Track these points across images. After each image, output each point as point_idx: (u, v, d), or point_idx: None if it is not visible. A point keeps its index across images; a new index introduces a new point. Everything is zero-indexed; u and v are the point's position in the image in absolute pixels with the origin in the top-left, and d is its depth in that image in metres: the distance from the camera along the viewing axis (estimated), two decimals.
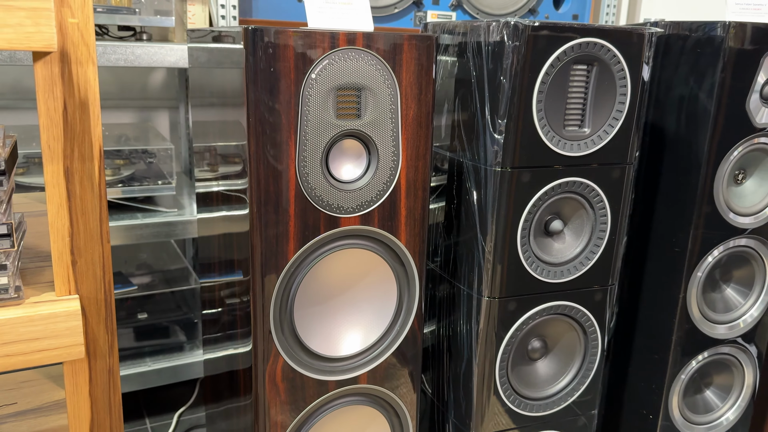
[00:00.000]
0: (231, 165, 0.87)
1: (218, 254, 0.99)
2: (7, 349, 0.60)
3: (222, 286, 0.98)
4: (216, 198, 0.97)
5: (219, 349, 1.05)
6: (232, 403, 0.98)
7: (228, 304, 0.96)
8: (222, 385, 1.04)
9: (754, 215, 1.15)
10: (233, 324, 0.93)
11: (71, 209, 0.62)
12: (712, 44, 1.05)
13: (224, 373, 1.02)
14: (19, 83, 1.97)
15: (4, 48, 0.54)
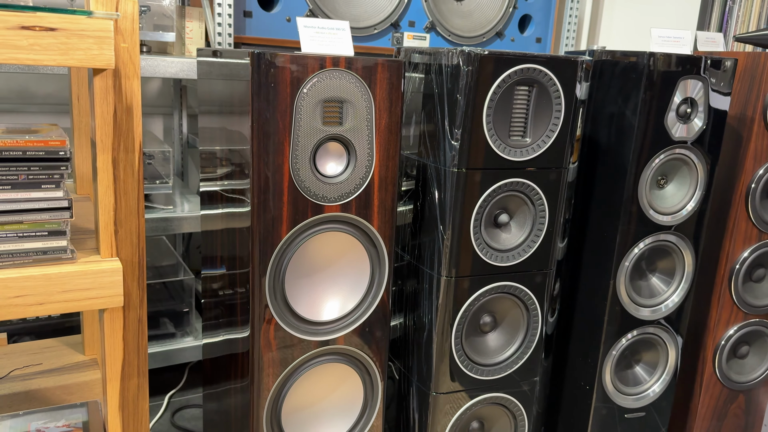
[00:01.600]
0: (235, 163, 1.06)
1: (222, 240, 1.17)
2: (65, 295, 0.78)
3: (226, 266, 1.16)
4: (220, 193, 1.16)
5: (220, 325, 1.23)
6: (233, 364, 1.16)
7: (230, 280, 1.14)
8: (224, 349, 1.22)
9: (673, 214, 1.37)
10: (234, 296, 1.11)
11: (116, 190, 0.81)
12: (636, 70, 1.27)
13: (225, 340, 1.20)
14: (25, 89, 2.14)
15: (77, 65, 0.72)
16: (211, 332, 1.30)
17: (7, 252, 0.76)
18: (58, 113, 2.18)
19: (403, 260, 1.31)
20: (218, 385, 1.26)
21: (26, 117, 2.19)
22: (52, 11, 0.70)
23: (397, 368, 1.37)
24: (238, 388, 1.13)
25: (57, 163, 0.76)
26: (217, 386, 1.27)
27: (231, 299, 1.14)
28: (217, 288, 1.23)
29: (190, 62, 1.57)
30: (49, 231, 0.78)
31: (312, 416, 1.13)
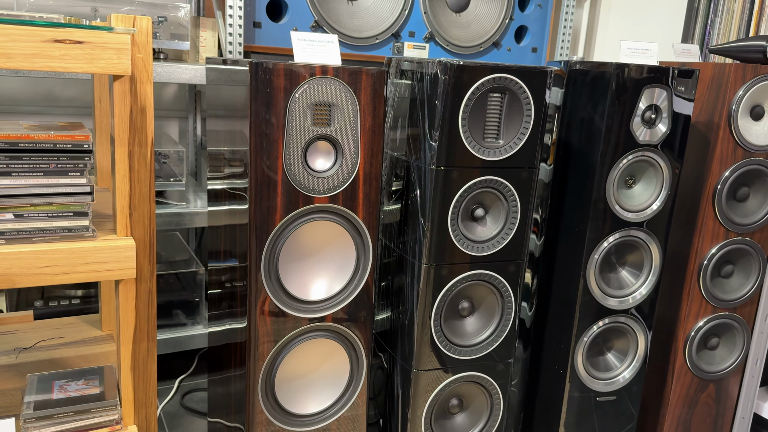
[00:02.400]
0: (237, 161, 1.20)
1: (226, 232, 1.31)
2: (87, 267, 0.92)
3: (228, 256, 1.30)
4: (224, 190, 1.30)
5: (223, 312, 1.37)
6: (234, 345, 1.29)
7: (231, 268, 1.28)
8: (227, 335, 1.36)
9: (640, 212, 1.49)
10: (235, 282, 1.25)
11: (131, 178, 0.95)
12: (604, 79, 1.39)
13: (228, 326, 1.34)
14: (51, 93, 2.30)
15: (99, 72, 0.86)
16: (215, 321, 1.44)
17: (38, 229, 0.90)
18: (80, 115, 2.34)
19: (393, 254, 1.44)
20: (221, 367, 1.40)
21: (51, 119, 2.35)
22: (80, 27, 0.85)
23: (384, 350, 1.49)
24: (237, 363, 1.26)
25: (81, 154, 0.90)
26: (220, 369, 1.41)
27: (232, 286, 1.28)
28: (220, 278, 1.37)
29: (202, 69, 1.72)
30: (74, 212, 0.92)
31: (303, 386, 1.26)
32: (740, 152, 1.59)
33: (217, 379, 1.45)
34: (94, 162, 0.92)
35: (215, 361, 1.47)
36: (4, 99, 2.23)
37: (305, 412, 1.26)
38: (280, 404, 1.23)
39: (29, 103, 2.32)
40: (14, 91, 2.27)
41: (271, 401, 1.22)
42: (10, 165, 0.87)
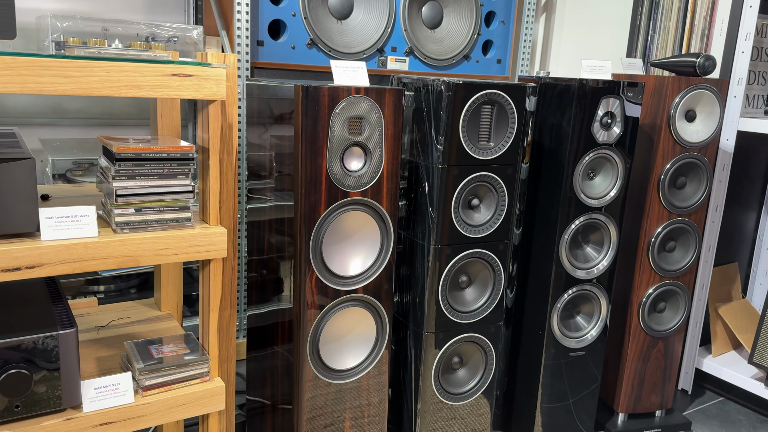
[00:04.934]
0: (284, 163, 1.47)
1: (270, 224, 1.58)
2: (191, 249, 1.18)
3: (272, 242, 1.57)
4: (269, 188, 1.56)
5: (267, 290, 1.63)
6: (279, 316, 1.56)
7: (279, 249, 1.54)
8: (272, 315, 1.63)
9: (600, 198, 1.82)
10: (283, 260, 1.52)
11: (221, 179, 1.21)
12: (569, 91, 1.72)
13: (272, 293, 1.60)
14: (59, 105, 2.51)
15: (203, 98, 1.13)
16: (257, 305, 1.69)
17: (155, 220, 1.16)
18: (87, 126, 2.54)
19: (404, 240, 1.73)
20: (264, 345, 1.66)
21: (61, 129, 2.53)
22: (190, 64, 1.11)
23: (397, 318, 1.79)
24: (285, 334, 1.53)
25: (187, 161, 1.16)
26: (263, 346, 1.67)
27: (279, 270, 1.54)
28: (264, 265, 1.63)
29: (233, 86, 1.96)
30: (179, 206, 1.18)
31: (340, 346, 1.54)
32: (678, 148, 1.95)
33: (259, 356, 1.71)
34: (196, 167, 1.18)
35: (257, 340, 1.73)
36: (19, 112, 2.42)
37: (342, 367, 1.55)
38: (323, 361, 1.51)
39: (40, 116, 2.51)
40: (27, 105, 2.46)
41: (316, 359, 1.50)
42: (134, 171, 1.12)
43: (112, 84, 1.03)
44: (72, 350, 1.10)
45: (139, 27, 2.26)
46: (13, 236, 1.06)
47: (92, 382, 1.15)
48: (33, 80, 0.96)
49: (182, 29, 2.31)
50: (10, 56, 0.95)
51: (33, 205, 1.04)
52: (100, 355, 1.37)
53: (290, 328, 1.51)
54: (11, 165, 1.01)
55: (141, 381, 1.21)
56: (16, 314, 1.14)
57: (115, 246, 1.09)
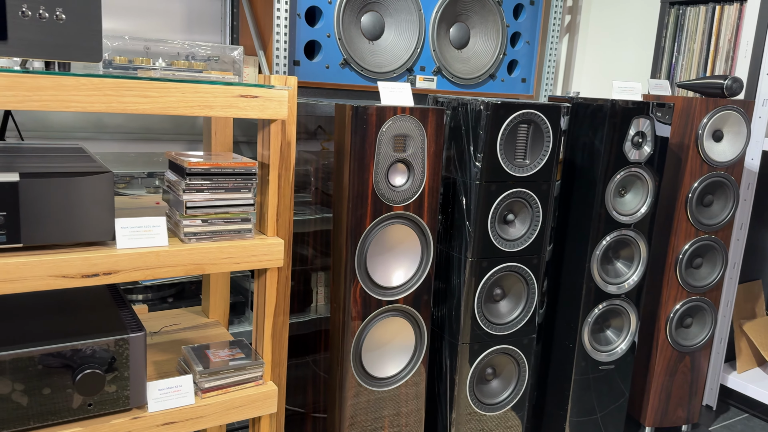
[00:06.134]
0: (331, 178, 1.54)
1: (315, 237, 1.65)
2: (251, 258, 1.25)
3: (316, 253, 1.64)
4: (313, 203, 1.63)
5: (309, 299, 1.70)
6: (320, 324, 1.62)
7: (319, 260, 1.61)
8: (312, 323, 1.69)
9: (631, 215, 1.88)
10: (324, 270, 1.58)
11: (279, 193, 1.28)
12: (602, 112, 1.79)
13: (315, 302, 1.67)
14: (100, 120, 2.60)
15: (267, 118, 1.21)
16: (297, 314, 1.76)
17: (219, 231, 1.23)
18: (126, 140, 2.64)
19: (439, 252, 1.79)
20: (304, 353, 1.72)
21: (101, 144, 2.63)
22: (255, 86, 1.19)
23: (432, 329, 1.84)
24: (327, 342, 1.59)
25: (250, 176, 1.24)
26: (303, 354, 1.73)
27: (319, 278, 1.61)
28: (306, 275, 1.70)
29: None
30: (242, 218, 1.25)
31: (381, 355, 1.60)
32: (705, 167, 2.00)
33: (296, 364, 1.77)
34: (258, 182, 1.25)
35: (295, 348, 1.79)
36: (63, 126, 2.52)
37: (383, 375, 1.60)
38: (365, 369, 1.57)
39: (82, 130, 2.61)
40: (70, 120, 2.56)
41: (358, 366, 1.56)
42: (203, 184, 1.19)
43: (186, 104, 1.11)
44: (140, 353, 1.17)
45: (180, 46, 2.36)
46: (90, 244, 1.13)
47: (156, 384, 1.21)
48: (117, 100, 1.04)
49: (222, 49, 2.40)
50: (97, 77, 1.03)
51: (110, 215, 1.11)
52: (156, 359, 1.44)
53: (332, 336, 1.57)
54: (92, 178, 1.09)
55: (201, 383, 1.27)
56: (87, 318, 1.21)
57: (184, 255, 1.16)
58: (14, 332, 1.13)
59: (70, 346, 1.10)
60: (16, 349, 1.07)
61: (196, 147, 2.77)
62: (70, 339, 1.11)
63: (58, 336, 1.12)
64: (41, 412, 1.10)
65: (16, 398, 1.08)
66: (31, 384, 1.09)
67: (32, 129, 2.39)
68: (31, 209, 1.04)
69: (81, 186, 1.07)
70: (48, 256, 1.05)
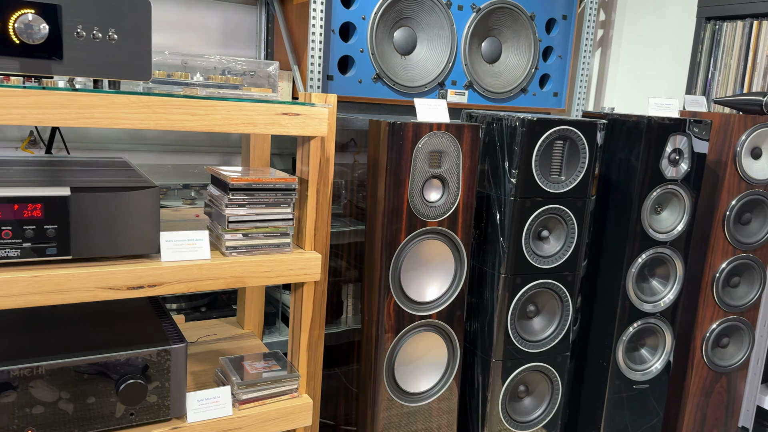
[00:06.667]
0: (365, 192, 1.55)
1: (348, 250, 1.66)
2: (290, 272, 1.27)
3: (350, 266, 1.65)
4: (347, 217, 1.65)
5: (341, 312, 1.71)
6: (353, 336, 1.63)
7: (351, 273, 1.62)
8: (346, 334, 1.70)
9: (667, 233, 1.86)
10: (356, 283, 1.60)
11: (317, 208, 1.30)
12: (638, 128, 1.78)
13: (347, 315, 1.68)
14: (138, 133, 2.66)
15: (307, 134, 1.23)
16: (329, 326, 1.78)
17: (258, 245, 1.25)
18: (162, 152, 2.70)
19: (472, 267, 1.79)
20: (332, 364, 1.73)
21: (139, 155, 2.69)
22: (297, 104, 1.21)
23: (464, 344, 1.84)
24: (360, 355, 1.60)
25: (290, 192, 1.26)
26: (331, 365, 1.74)
27: (350, 291, 1.62)
28: (338, 288, 1.71)
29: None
30: (281, 233, 1.27)
31: (413, 369, 1.60)
32: (743, 185, 1.97)
33: (328, 375, 1.78)
34: (297, 197, 1.27)
35: (327, 359, 1.80)
36: (102, 138, 2.59)
37: (415, 390, 1.60)
38: (397, 383, 1.57)
39: (120, 142, 2.67)
40: (110, 132, 2.62)
41: (391, 381, 1.56)
42: (245, 200, 1.22)
43: (231, 121, 1.13)
44: (181, 364, 1.19)
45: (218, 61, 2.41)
46: (135, 257, 1.16)
47: (195, 395, 1.23)
48: (165, 117, 1.07)
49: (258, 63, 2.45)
50: (147, 96, 1.06)
51: (155, 229, 1.14)
52: (193, 370, 1.46)
53: (364, 349, 1.58)
54: (139, 193, 1.12)
55: (238, 395, 1.29)
56: (130, 329, 1.24)
57: (225, 268, 1.19)
58: (60, 342, 1.16)
59: (115, 356, 1.13)
60: (63, 359, 1.10)
61: (230, 159, 2.81)
62: (115, 349, 1.14)
63: (103, 346, 1.15)
64: (85, 420, 1.13)
65: (62, 406, 1.11)
66: (77, 392, 1.11)
67: (73, 140, 2.46)
68: (80, 222, 1.08)
69: (128, 200, 1.10)
70: (95, 268, 1.08)
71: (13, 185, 1.07)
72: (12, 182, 1.10)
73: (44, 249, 1.06)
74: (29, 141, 2.46)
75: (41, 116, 0.99)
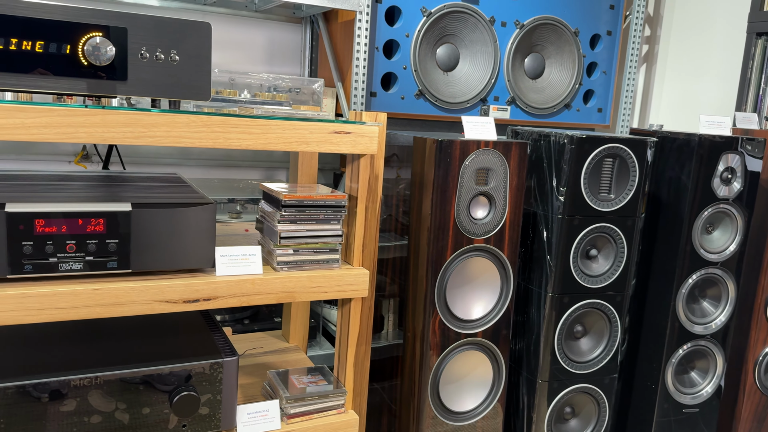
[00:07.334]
0: (410, 208, 1.56)
1: (392, 266, 1.67)
2: (338, 287, 1.28)
3: (393, 282, 1.66)
4: (390, 232, 1.66)
5: (382, 326, 1.71)
6: (395, 352, 1.63)
7: (394, 289, 1.63)
8: (390, 349, 1.70)
9: (719, 254, 1.81)
10: (407, 301, 1.60)
11: (365, 225, 1.31)
12: (689, 146, 1.74)
13: (389, 331, 1.68)
14: (185, 148, 2.72)
15: (358, 152, 1.24)
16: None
17: (309, 260, 1.27)
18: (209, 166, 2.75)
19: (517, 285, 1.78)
20: (375, 378, 1.74)
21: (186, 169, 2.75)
22: (348, 122, 1.23)
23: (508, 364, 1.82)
24: (403, 372, 1.60)
25: (340, 208, 1.27)
26: (373, 379, 1.75)
27: (399, 309, 1.63)
28: (379, 303, 1.72)
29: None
30: (330, 249, 1.28)
31: (458, 388, 1.59)
32: None
33: (378, 387, 1.78)
34: (346, 214, 1.29)
35: (376, 372, 1.80)
36: (151, 153, 2.66)
37: (460, 409, 1.59)
38: (442, 402, 1.56)
39: (168, 156, 2.74)
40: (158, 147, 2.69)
41: (436, 399, 1.55)
42: (296, 216, 1.24)
43: (285, 140, 1.16)
44: (233, 376, 1.21)
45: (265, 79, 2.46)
46: (190, 271, 1.19)
47: (245, 408, 1.25)
48: (223, 136, 1.10)
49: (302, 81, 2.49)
50: (206, 115, 1.09)
51: (211, 244, 1.17)
52: (240, 382, 1.48)
53: (407, 366, 1.58)
54: (197, 209, 1.15)
55: (286, 409, 1.30)
56: (183, 341, 1.27)
57: (277, 283, 1.21)
58: (116, 353, 1.19)
59: (169, 368, 1.16)
60: (121, 370, 1.13)
61: (274, 173, 2.86)
62: (169, 361, 1.17)
63: (157, 358, 1.18)
64: (140, 431, 1.15)
65: (118, 416, 1.14)
66: (132, 403, 1.14)
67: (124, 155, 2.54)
68: (140, 237, 1.11)
69: (186, 216, 1.13)
70: (154, 281, 1.11)
71: (76, 200, 1.11)
72: (75, 197, 1.15)
73: (105, 263, 1.09)
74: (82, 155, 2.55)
75: (106, 135, 1.03)
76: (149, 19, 1.06)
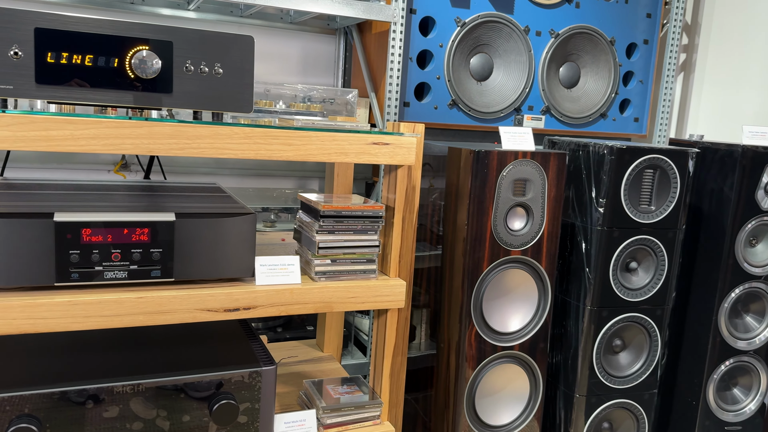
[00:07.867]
0: (446, 218, 1.55)
1: (429, 274, 1.66)
2: (375, 298, 1.28)
3: (437, 295, 1.65)
4: (424, 243, 1.66)
5: (417, 338, 1.71)
6: (438, 366, 1.62)
7: (429, 299, 1.62)
8: (425, 360, 1.70)
9: (763, 267, 1.76)
10: (441, 312, 1.59)
11: (402, 235, 1.31)
12: (732, 157, 1.70)
13: (422, 342, 1.67)
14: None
15: (396, 163, 1.24)
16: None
17: (346, 270, 1.27)
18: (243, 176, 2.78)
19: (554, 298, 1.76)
20: (412, 389, 1.73)
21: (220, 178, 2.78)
22: (387, 134, 1.23)
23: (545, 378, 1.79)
24: (441, 382, 1.59)
25: (377, 219, 1.27)
26: (409, 390, 1.74)
27: (434, 320, 1.62)
28: (413, 313, 1.71)
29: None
30: (367, 259, 1.29)
31: (494, 402, 1.57)
32: None
33: (413, 398, 1.77)
34: (383, 225, 1.29)
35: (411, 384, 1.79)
36: (188, 162, 2.70)
37: (496, 423, 1.57)
38: (478, 415, 1.54)
39: (204, 166, 2.78)
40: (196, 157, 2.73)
41: (471, 412, 1.54)
42: (334, 226, 1.24)
43: (324, 151, 1.17)
44: (271, 385, 1.22)
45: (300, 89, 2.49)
46: (230, 280, 1.20)
47: (283, 417, 1.26)
48: (265, 148, 1.12)
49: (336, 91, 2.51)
50: (249, 127, 1.11)
51: (251, 254, 1.18)
52: (276, 391, 1.49)
53: (441, 378, 1.57)
54: (238, 219, 1.16)
55: (323, 419, 1.30)
56: (221, 350, 1.28)
57: (315, 293, 1.21)
58: (157, 361, 1.21)
59: (209, 376, 1.17)
60: (162, 377, 1.14)
61: (307, 183, 2.88)
62: (209, 369, 1.18)
63: (197, 366, 1.19)
64: None
65: (159, 423, 1.15)
66: (173, 410, 1.16)
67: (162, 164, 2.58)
68: (183, 247, 1.13)
69: (228, 226, 1.15)
70: (195, 290, 1.13)
71: (121, 210, 1.14)
72: (120, 207, 1.17)
73: (149, 271, 1.11)
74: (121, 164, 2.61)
75: (152, 146, 1.05)
76: (194, 33, 1.08)
